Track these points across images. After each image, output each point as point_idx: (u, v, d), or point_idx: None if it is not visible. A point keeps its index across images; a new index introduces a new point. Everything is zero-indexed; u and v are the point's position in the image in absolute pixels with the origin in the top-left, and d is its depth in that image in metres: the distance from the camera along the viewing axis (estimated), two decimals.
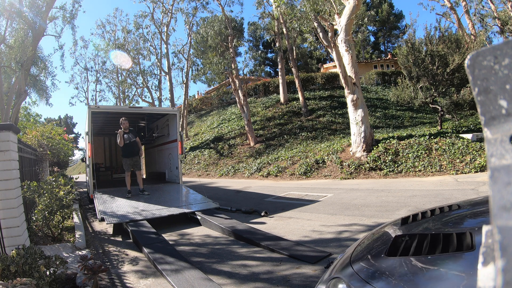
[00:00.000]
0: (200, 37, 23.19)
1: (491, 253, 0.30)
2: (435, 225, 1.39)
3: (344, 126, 16.26)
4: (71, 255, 3.58)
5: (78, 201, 7.36)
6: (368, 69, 25.55)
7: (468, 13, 18.01)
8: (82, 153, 22.14)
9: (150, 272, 3.12)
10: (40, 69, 17.29)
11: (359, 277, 1.08)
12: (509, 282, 0.27)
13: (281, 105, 20.63)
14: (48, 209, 4.09)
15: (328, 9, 10.24)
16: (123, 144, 6.56)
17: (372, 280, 1.03)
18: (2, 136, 3.10)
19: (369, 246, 1.38)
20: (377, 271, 1.09)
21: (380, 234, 1.49)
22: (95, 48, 27.38)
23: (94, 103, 28.87)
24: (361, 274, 1.09)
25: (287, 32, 17.95)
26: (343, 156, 10.15)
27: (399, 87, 13.18)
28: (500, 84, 0.31)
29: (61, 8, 13.69)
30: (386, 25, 38.80)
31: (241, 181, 11.73)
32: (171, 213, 5.21)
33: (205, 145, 18.96)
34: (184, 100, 22.90)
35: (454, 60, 10.58)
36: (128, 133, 6.64)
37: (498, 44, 0.32)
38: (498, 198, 0.30)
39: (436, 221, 1.42)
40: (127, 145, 6.64)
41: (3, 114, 9.70)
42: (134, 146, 6.74)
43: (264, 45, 39.07)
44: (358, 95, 9.59)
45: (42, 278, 2.19)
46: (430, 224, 1.41)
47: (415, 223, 1.46)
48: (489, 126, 0.32)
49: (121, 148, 6.75)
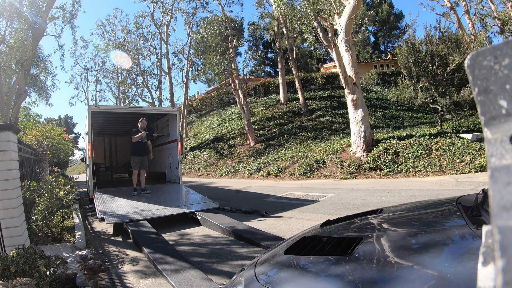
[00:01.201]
0: (200, 37, 23.21)
1: (491, 253, 0.30)
2: (342, 229, 1.48)
3: (344, 126, 16.26)
4: (71, 255, 3.58)
5: (78, 201, 7.37)
6: (368, 69, 25.55)
7: (468, 13, 18.01)
8: (82, 153, 22.15)
9: (150, 272, 3.12)
10: (40, 69, 17.29)
11: (255, 273, 1.18)
12: (509, 282, 0.27)
13: (281, 105, 20.63)
14: (48, 209, 4.09)
15: (328, 9, 10.24)
16: (136, 140, 6.72)
17: (259, 272, 1.17)
18: (2, 136, 3.10)
19: (282, 247, 1.45)
20: (270, 266, 1.24)
21: (299, 235, 1.55)
22: (95, 48, 27.44)
23: (94, 103, 28.88)
24: (258, 269, 1.21)
25: (287, 32, 17.95)
26: (343, 156, 10.15)
27: (399, 87, 13.18)
28: (500, 84, 0.31)
29: (61, 8, 13.70)
30: (386, 25, 38.80)
31: (241, 181, 11.73)
32: (171, 213, 5.20)
33: (205, 145, 18.96)
34: (184, 100, 22.90)
35: (454, 60, 10.58)
36: (145, 132, 6.88)
37: (498, 44, 0.32)
38: (498, 198, 0.30)
39: (347, 225, 1.52)
40: (139, 144, 6.83)
41: (3, 114, 9.70)
42: (145, 146, 6.97)
43: (264, 45, 39.08)
44: (358, 95, 9.60)
45: (42, 278, 2.19)
46: (339, 228, 1.50)
47: (330, 227, 1.55)
48: (489, 126, 0.32)
49: (132, 145, 6.91)
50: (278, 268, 1.21)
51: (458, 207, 1.29)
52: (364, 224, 1.49)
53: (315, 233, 1.47)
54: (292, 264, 1.18)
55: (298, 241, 1.37)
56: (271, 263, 1.26)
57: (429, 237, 1.09)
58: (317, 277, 1.02)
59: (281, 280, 1.10)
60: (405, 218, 1.50)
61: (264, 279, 1.11)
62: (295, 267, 1.15)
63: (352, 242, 1.15)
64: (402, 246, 1.07)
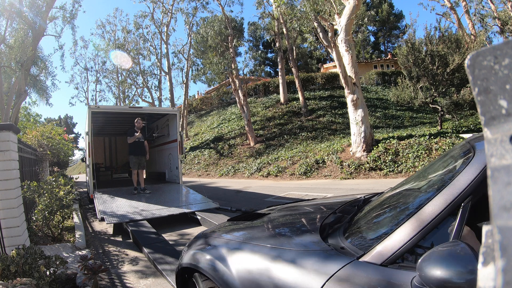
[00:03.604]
0: (200, 37, 23.18)
1: (491, 253, 0.30)
2: (275, 209, 2.30)
3: (344, 126, 16.26)
4: (71, 255, 3.58)
5: (78, 201, 7.36)
6: (368, 69, 25.55)
7: (468, 13, 18.02)
8: (82, 153, 22.16)
9: (150, 272, 3.12)
10: (40, 69, 17.29)
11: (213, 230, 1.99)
12: (509, 282, 0.27)
13: (281, 105, 20.63)
14: (48, 209, 4.09)
15: (328, 9, 10.24)
16: (132, 141, 6.78)
17: (216, 228, 2.04)
18: (2, 136, 3.10)
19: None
20: (220, 226, 2.07)
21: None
22: (95, 48, 27.45)
23: (94, 103, 28.89)
24: (216, 228, 2.01)
25: (287, 32, 17.94)
26: (343, 156, 10.15)
27: (399, 87, 13.18)
28: (500, 84, 0.31)
29: (61, 8, 13.70)
30: (386, 25, 38.80)
31: (241, 181, 11.73)
32: (171, 213, 5.20)
33: (205, 145, 18.96)
34: (184, 100, 22.90)
35: (454, 60, 10.58)
36: (141, 133, 6.95)
37: (498, 44, 0.32)
38: (498, 198, 0.30)
39: (282, 208, 2.36)
40: (136, 144, 6.88)
41: (3, 114, 9.70)
42: (142, 146, 7.02)
43: (264, 45, 39.09)
44: (358, 95, 9.59)
45: (42, 278, 2.19)
46: (275, 209, 2.34)
47: (273, 208, 2.43)
48: (489, 126, 0.32)
49: (129, 145, 6.96)
50: (223, 226, 2.03)
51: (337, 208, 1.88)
52: (284, 208, 2.31)
53: (255, 211, 2.35)
54: (228, 224, 2.04)
55: (239, 215, 2.28)
56: (221, 224, 2.13)
57: (297, 217, 1.97)
58: (237, 230, 1.85)
59: (223, 231, 1.82)
60: (299, 207, 2.25)
61: (215, 229, 1.95)
62: (229, 226, 1.98)
63: (262, 215, 2.05)
64: (281, 222, 1.90)
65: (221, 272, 1.37)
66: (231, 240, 1.61)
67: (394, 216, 1.23)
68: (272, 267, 1.19)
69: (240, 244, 1.50)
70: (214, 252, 1.53)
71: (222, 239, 1.65)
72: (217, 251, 1.51)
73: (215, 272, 1.40)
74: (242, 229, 1.85)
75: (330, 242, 1.26)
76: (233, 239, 1.62)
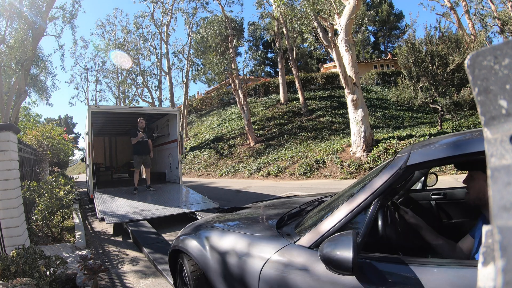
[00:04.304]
0: (200, 37, 23.19)
1: (491, 253, 0.30)
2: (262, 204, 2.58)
3: (344, 126, 16.26)
4: (71, 255, 3.58)
5: (78, 201, 7.36)
6: (368, 69, 25.54)
7: (468, 13, 18.01)
8: (82, 153, 22.15)
9: (150, 272, 3.12)
10: (40, 69, 17.29)
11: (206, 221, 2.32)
12: (509, 282, 0.27)
13: (281, 105, 20.62)
14: (48, 209, 4.09)
15: (328, 9, 10.24)
16: (135, 142, 6.85)
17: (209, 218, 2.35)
18: (2, 136, 3.10)
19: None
20: (212, 216, 2.43)
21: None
22: (95, 48, 27.45)
23: (94, 103, 28.89)
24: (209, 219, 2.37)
25: (287, 32, 17.94)
26: (343, 156, 10.15)
27: (399, 87, 13.17)
28: (500, 84, 0.31)
29: (61, 8, 13.71)
30: (386, 25, 38.80)
31: (241, 181, 11.72)
32: (171, 213, 5.20)
33: (205, 145, 18.96)
34: (184, 100, 22.90)
35: (454, 60, 10.57)
36: (143, 132, 7.02)
37: (498, 44, 0.32)
38: (498, 198, 0.30)
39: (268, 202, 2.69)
40: (140, 143, 6.93)
41: (3, 114, 9.70)
42: (146, 145, 7.09)
43: (264, 45, 39.08)
44: (358, 95, 9.59)
45: (42, 278, 2.19)
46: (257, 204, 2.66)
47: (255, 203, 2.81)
48: (489, 126, 0.32)
49: (133, 145, 7.02)
50: (215, 217, 2.38)
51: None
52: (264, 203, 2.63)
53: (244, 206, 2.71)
54: (218, 215, 2.42)
55: (229, 208, 2.68)
56: (214, 215, 2.50)
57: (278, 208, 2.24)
58: (225, 220, 2.17)
59: (215, 220, 2.18)
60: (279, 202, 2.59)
61: (208, 219, 2.30)
62: (219, 217, 2.32)
63: (246, 208, 2.52)
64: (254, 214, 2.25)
65: (202, 253, 1.75)
66: (213, 228, 1.99)
67: (326, 212, 1.53)
68: (237, 246, 1.59)
69: (222, 231, 1.84)
70: (196, 238, 1.92)
71: (205, 227, 2.06)
72: (198, 237, 1.90)
73: (198, 253, 1.78)
74: (224, 220, 2.20)
75: (284, 230, 1.59)
76: (216, 227, 2.01)
